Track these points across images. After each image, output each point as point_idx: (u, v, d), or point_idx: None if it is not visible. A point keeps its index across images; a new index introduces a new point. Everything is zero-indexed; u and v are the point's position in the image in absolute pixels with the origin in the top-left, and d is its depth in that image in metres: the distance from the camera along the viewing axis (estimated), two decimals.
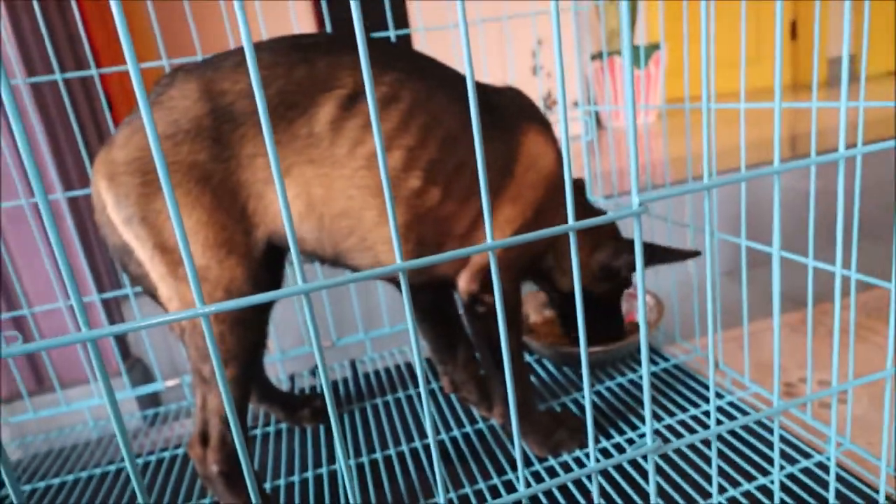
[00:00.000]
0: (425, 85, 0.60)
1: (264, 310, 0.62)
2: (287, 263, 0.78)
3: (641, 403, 0.81)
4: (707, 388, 0.83)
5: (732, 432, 0.73)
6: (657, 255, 0.72)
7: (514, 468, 0.72)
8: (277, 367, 1.02)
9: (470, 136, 0.62)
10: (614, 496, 0.65)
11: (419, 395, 0.92)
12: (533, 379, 0.92)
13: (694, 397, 0.81)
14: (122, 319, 1.05)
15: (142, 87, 0.26)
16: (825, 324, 1.07)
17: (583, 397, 0.85)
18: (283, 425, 0.89)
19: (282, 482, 0.77)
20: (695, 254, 0.70)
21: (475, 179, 0.63)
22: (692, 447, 0.72)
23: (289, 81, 0.56)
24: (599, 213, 0.81)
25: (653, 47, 2.22)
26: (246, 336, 0.59)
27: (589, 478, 0.69)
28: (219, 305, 0.29)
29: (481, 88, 0.67)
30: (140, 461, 0.86)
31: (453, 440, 0.80)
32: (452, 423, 0.83)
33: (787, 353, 0.99)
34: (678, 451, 0.71)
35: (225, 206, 0.57)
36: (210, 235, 0.57)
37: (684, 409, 0.79)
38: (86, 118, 1.01)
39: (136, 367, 1.03)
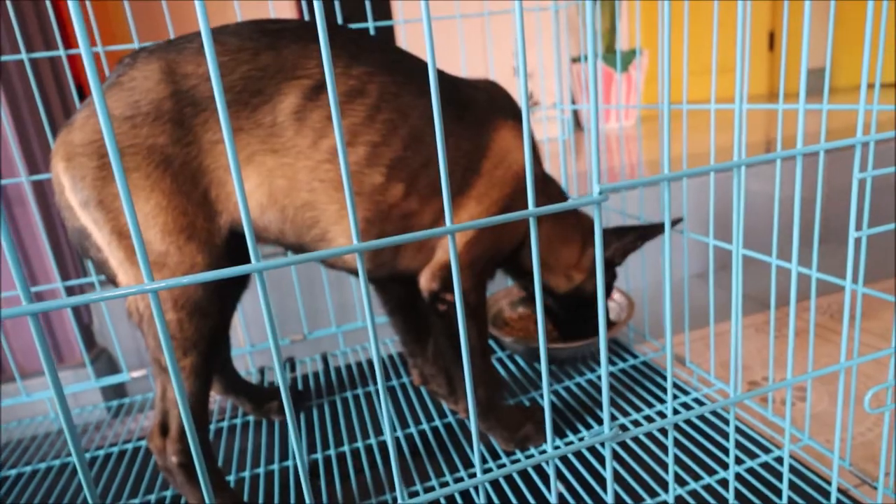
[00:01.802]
0: (394, 80, 0.59)
1: (224, 298, 0.61)
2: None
3: (610, 399, 0.82)
4: (676, 386, 0.84)
5: (696, 427, 0.74)
6: (640, 235, 0.75)
7: (481, 461, 0.72)
8: (247, 360, 1.01)
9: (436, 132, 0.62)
10: (575, 486, 0.65)
11: (390, 388, 0.92)
12: (504, 374, 0.93)
13: (661, 393, 0.82)
14: (88, 311, 1.03)
15: (93, 68, 0.25)
16: (789, 325, 1.09)
17: (553, 392, 0.85)
18: (251, 418, 0.88)
19: (247, 474, 0.76)
20: (676, 221, 0.72)
21: (438, 179, 0.63)
22: (656, 441, 0.72)
23: (254, 67, 0.55)
24: (579, 212, 0.82)
25: (633, 52, 2.24)
26: (205, 324, 0.58)
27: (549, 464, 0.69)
28: (167, 282, 0.28)
29: (456, 83, 0.66)
30: (102, 452, 0.84)
31: (422, 433, 0.80)
32: (422, 417, 0.83)
33: (752, 352, 1.00)
34: (641, 444, 0.72)
35: (185, 191, 0.56)
36: (169, 220, 0.55)
37: (650, 405, 0.80)
38: (54, 100, 0.98)
39: (102, 358, 1.01)
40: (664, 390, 0.83)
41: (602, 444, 0.72)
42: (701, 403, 0.78)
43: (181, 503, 0.71)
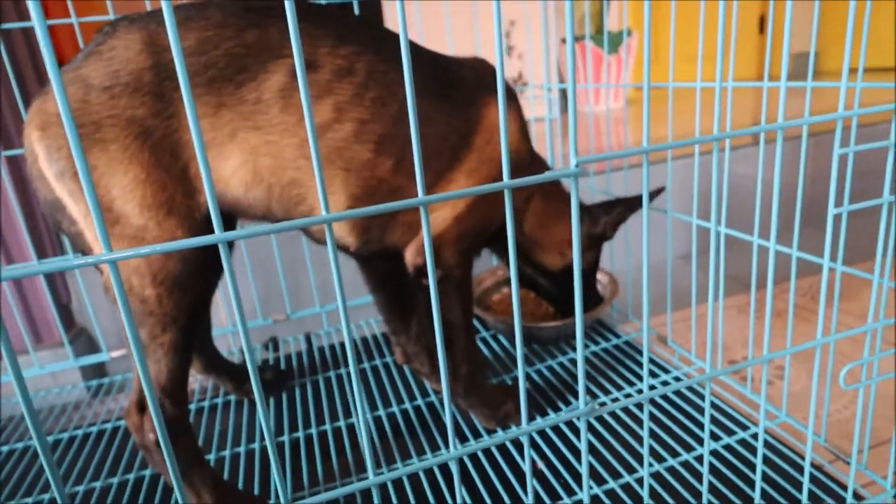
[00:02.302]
0: (382, 58, 0.60)
1: (205, 273, 0.60)
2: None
3: (591, 378, 0.82)
4: (656, 364, 0.84)
5: (675, 405, 0.74)
6: (627, 206, 0.77)
7: (462, 440, 0.73)
8: (229, 340, 1.00)
9: (424, 108, 0.62)
10: (555, 463, 0.66)
11: (374, 367, 0.91)
12: (487, 353, 0.92)
13: (642, 371, 0.82)
14: (66, 290, 1.02)
15: (48, 42, 0.24)
16: (773, 305, 1.10)
17: (537, 372, 0.86)
18: (233, 397, 0.88)
19: (227, 453, 0.75)
20: (659, 191, 0.73)
21: (429, 153, 0.63)
22: (636, 419, 0.73)
23: (238, 44, 0.55)
24: (563, 190, 0.82)
25: (620, 34, 2.22)
26: (185, 299, 0.58)
27: (524, 439, 0.69)
28: (126, 252, 0.27)
29: (444, 61, 0.66)
30: (81, 432, 0.83)
31: (404, 412, 0.80)
32: (404, 396, 0.83)
33: (734, 332, 1.01)
34: (620, 422, 0.72)
35: (165, 165, 0.55)
36: (148, 194, 0.54)
37: (631, 384, 0.80)
38: (28, 73, 0.96)
39: (81, 337, 1.00)
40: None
41: (577, 420, 0.72)
42: (680, 381, 0.78)
43: (160, 481, 0.70)
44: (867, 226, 0.48)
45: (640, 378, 0.81)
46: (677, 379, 0.79)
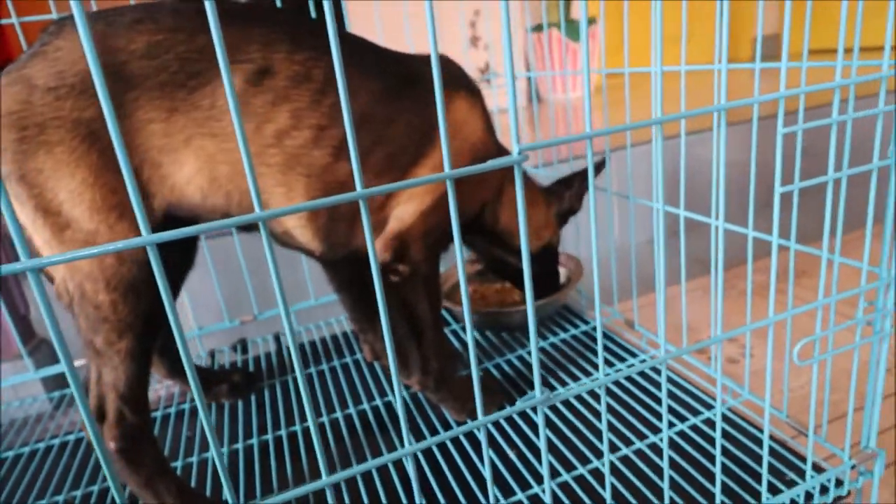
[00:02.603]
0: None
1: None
2: (204, 239, 0.74)
3: (561, 366, 0.83)
4: (624, 348, 0.85)
5: (643, 389, 0.75)
6: (584, 176, 0.81)
7: (433, 434, 0.72)
8: (196, 343, 0.99)
9: (387, 110, 0.61)
10: (527, 454, 0.66)
11: (344, 365, 0.91)
12: (458, 345, 0.92)
13: (611, 357, 0.83)
14: (24, 300, 0.99)
15: None
16: (737, 287, 1.12)
17: (507, 362, 0.86)
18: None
19: (194, 459, 0.74)
20: (601, 165, 0.78)
21: (392, 153, 0.63)
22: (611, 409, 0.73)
23: (190, 48, 0.54)
24: (541, 186, 0.84)
25: (590, 21, 2.23)
26: (140, 305, 0.56)
27: (480, 431, 0.69)
28: (50, 258, 0.26)
29: (404, 59, 0.66)
30: (43, 445, 0.81)
31: (375, 409, 0.79)
32: (375, 392, 0.82)
33: (701, 314, 1.02)
34: (590, 408, 0.72)
35: (116, 169, 0.53)
36: (98, 198, 0.53)
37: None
38: None
39: (42, 348, 0.97)
40: (614, 354, 0.84)
41: (532, 410, 0.73)
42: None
43: (126, 491, 0.69)
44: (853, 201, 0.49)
45: (609, 364, 0.81)
46: (644, 362, 0.79)
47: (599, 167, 0.79)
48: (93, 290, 0.55)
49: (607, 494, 0.45)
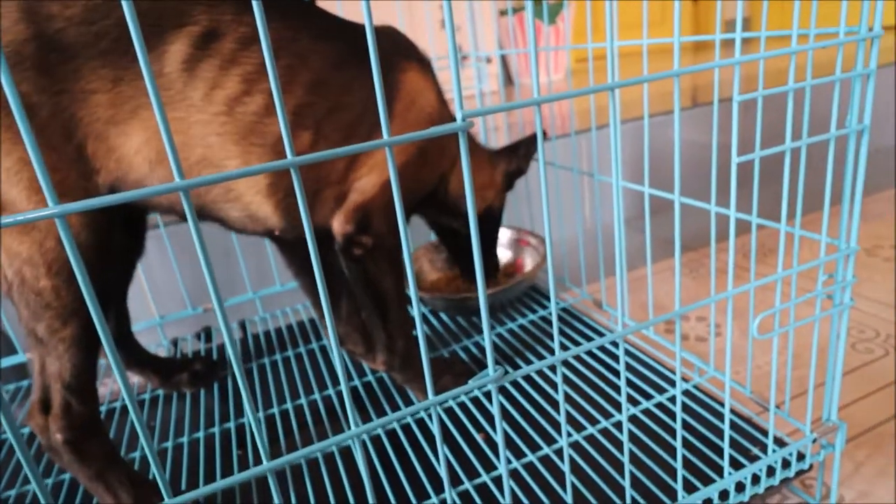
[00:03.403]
0: (289, 24, 0.57)
1: (105, 260, 0.56)
2: (163, 225, 0.71)
3: (529, 347, 0.82)
4: (591, 328, 0.84)
5: (609, 367, 0.74)
6: (530, 142, 0.81)
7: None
8: (158, 332, 0.96)
9: (343, 77, 0.60)
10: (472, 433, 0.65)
11: (310, 351, 0.89)
12: (427, 329, 0.91)
13: (578, 338, 0.82)
14: None
15: None
16: (706, 265, 1.12)
17: (475, 344, 0.85)
18: (161, 392, 0.84)
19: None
20: (539, 136, 0.77)
21: (351, 122, 0.61)
22: (571, 385, 0.72)
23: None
24: (489, 150, 0.83)
25: (559, 4, 2.21)
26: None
27: (432, 414, 0.68)
28: None
29: (357, 29, 0.64)
30: None
31: (339, 395, 0.77)
32: (340, 378, 0.81)
33: (670, 294, 1.02)
34: (556, 388, 0.72)
35: (55, 145, 0.51)
36: (35, 177, 0.50)
37: (565, 349, 0.79)
38: None
39: None
40: (581, 334, 0.83)
41: (479, 390, 0.72)
42: (616, 344, 0.78)
43: (80, 486, 0.67)
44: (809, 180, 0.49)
45: (576, 344, 0.81)
46: (615, 344, 0.79)
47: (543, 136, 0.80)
48: (33, 275, 0.52)
49: (566, 470, 0.44)
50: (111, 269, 0.60)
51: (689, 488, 0.54)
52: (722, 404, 0.65)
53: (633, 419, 0.65)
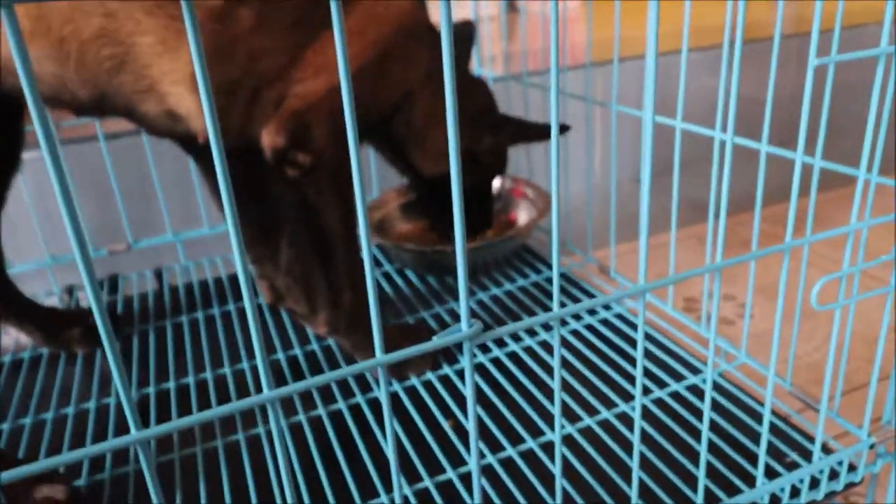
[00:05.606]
0: None
1: None
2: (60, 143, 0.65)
3: (516, 317, 0.77)
4: (592, 295, 0.79)
5: (616, 347, 0.70)
6: (520, 132, 0.77)
7: (349, 397, 0.66)
8: (47, 276, 0.88)
9: None
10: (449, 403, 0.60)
11: (240, 310, 0.83)
12: (389, 290, 0.85)
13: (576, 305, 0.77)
14: None
15: None
16: (740, 234, 1.08)
17: (448, 311, 0.79)
18: (45, 350, 0.77)
19: (28, 421, 0.66)
20: (547, 128, 0.72)
21: (298, 5, 0.56)
22: (580, 355, 0.68)
23: None
24: (480, 83, 0.79)
25: None
26: None
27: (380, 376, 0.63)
28: None
29: None
30: None
31: (275, 364, 0.72)
32: (278, 345, 0.75)
33: (695, 265, 0.98)
34: (546, 367, 0.67)
35: None
36: None
37: (565, 323, 0.75)
38: None
39: None
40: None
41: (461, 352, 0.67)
42: (623, 319, 0.74)
43: None
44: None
45: (577, 317, 0.76)
46: (621, 316, 0.74)
47: (562, 130, 0.74)
48: None
49: (557, 471, 0.39)
50: None
51: (711, 499, 0.50)
52: (754, 398, 0.61)
53: (642, 411, 0.60)
